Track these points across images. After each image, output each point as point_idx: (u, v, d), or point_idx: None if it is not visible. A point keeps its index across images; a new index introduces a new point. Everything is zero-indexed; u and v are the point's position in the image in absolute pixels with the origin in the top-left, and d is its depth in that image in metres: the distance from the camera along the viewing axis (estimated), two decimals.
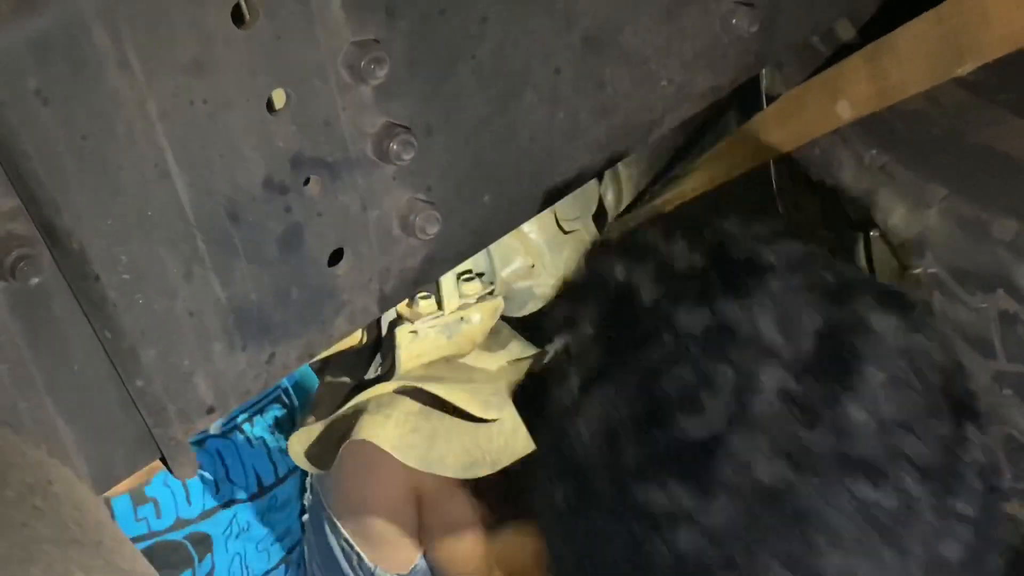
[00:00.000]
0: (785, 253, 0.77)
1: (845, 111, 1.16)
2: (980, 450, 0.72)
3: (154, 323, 0.83)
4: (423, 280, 0.99)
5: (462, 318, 1.66)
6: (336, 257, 0.92)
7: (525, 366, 1.70)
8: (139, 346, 0.82)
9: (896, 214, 1.14)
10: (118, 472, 0.87)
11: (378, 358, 1.72)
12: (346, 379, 1.72)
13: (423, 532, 1.73)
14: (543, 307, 1.67)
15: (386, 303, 0.97)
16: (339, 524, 1.74)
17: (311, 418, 1.67)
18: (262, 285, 0.88)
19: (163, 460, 0.88)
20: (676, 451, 0.69)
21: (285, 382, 2.02)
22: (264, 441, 2.02)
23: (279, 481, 2.00)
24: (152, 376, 0.84)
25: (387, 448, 1.57)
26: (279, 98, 0.82)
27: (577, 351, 0.79)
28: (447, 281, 1.58)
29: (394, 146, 0.87)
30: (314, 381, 1.98)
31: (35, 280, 0.73)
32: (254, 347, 0.90)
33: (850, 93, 1.16)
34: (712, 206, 0.81)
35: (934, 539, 0.69)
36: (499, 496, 1.29)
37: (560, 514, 0.77)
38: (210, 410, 0.90)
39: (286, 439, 1.84)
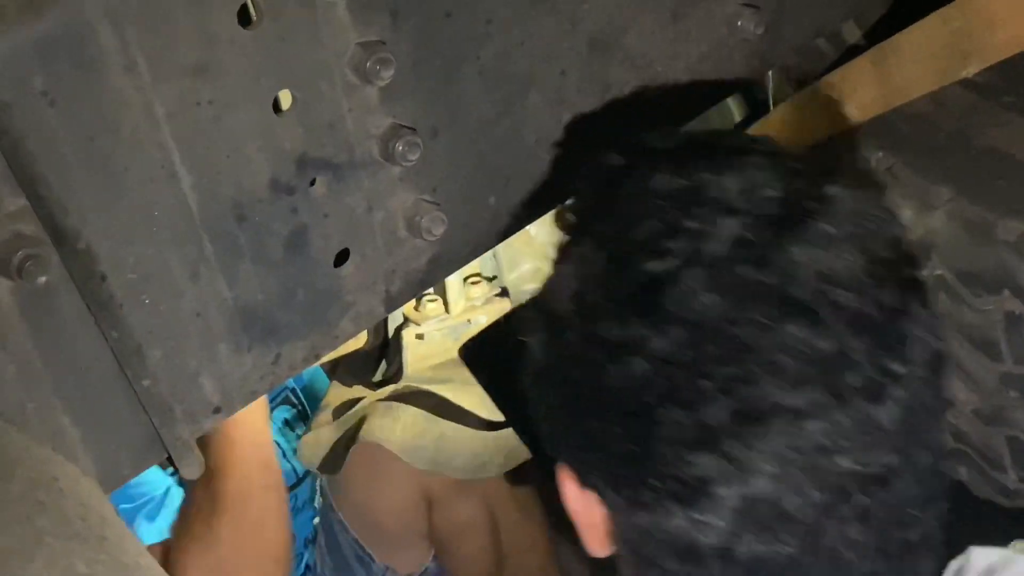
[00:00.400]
0: (762, 144, 0.85)
1: (852, 113, 1.16)
2: (925, 326, 0.75)
3: (160, 323, 0.83)
4: (429, 281, 0.99)
5: (469, 320, 1.67)
6: (342, 258, 0.92)
7: None
8: (145, 346, 0.83)
9: (902, 216, 1.13)
10: (125, 471, 0.88)
11: (385, 361, 1.73)
12: (355, 382, 1.72)
13: (433, 534, 1.73)
14: None
15: (392, 304, 0.98)
16: (349, 526, 1.74)
17: (321, 421, 1.68)
18: (268, 286, 0.88)
19: (170, 460, 0.89)
20: (635, 287, 0.75)
21: (292, 383, 2.02)
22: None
23: (298, 483, 2.00)
24: (158, 376, 0.84)
25: (396, 451, 1.58)
26: (285, 99, 0.83)
27: (565, 227, 0.86)
28: (453, 284, 1.58)
29: (400, 147, 0.88)
30: (324, 382, 1.98)
31: (42, 279, 0.74)
32: (260, 348, 0.90)
33: (856, 96, 1.16)
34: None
35: (868, 393, 0.71)
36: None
37: (537, 364, 0.83)
38: (216, 410, 0.90)
39: (298, 439, 1.85)
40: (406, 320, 1.67)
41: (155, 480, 1.62)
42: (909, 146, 1.15)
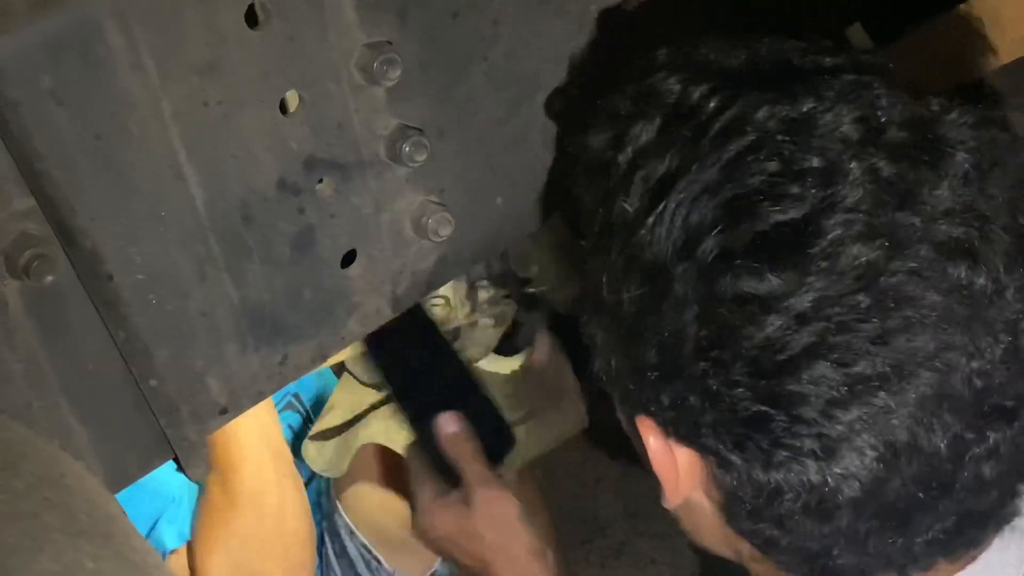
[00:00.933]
0: (851, 60, 0.77)
1: None
2: None
3: (167, 323, 0.83)
4: (436, 283, 0.99)
5: (475, 323, 1.66)
6: (349, 259, 0.92)
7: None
8: (152, 346, 0.83)
9: None
10: (132, 472, 0.88)
11: None
12: (361, 383, 1.72)
13: None
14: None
15: (399, 305, 0.98)
16: (356, 529, 1.74)
17: (326, 423, 1.67)
18: (275, 286, 0.88)
19: (176, 460, 0.89)
20: (767, 239, 0.69)
21: (294, 388, 2.02)
22: None
23: (305, 484, 2.00)
24: (165, 376, 0.84)
25: (401, 452, 1.57)
26: (292, 100, 0.83)
27: (632, 157, 0.77)
28: (460, 287, 1.58)
29: (406, 148, 0.88)
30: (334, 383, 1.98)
31: (49, 279, 0.74)
32: (267, 348, 0.90)
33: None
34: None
35: (1017, 323, 0.70)
36: None
37: (627, 321, 0.77)
38: (223, 411, 0.90)
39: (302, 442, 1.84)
40: None
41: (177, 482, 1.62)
42: None
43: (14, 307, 0.76)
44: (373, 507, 1.71)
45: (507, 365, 1.71)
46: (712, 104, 0.75)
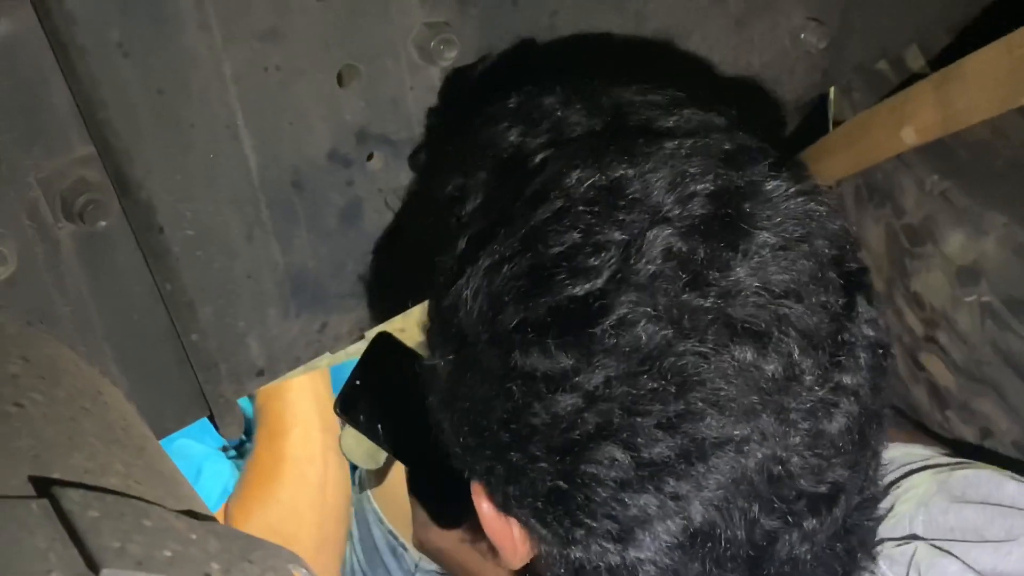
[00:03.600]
0: (684, 119, 0.75)
1: (910, 137, 1.16)
2: (870, 325, 0.71)
3: (213, 281, 0.85)
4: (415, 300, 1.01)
5: None
6: (393, 234, 0.94)
7: None
8: (197, 302, 0.85)
9: (954, 240, 1.14)
10: (168, 425, 0.90)
11: None
12: None
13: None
14: None
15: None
16: (384, 517, 1.75)
17: None
18: (320, 255, 0.90)
19: (211, 418, 0.91)
20: (558, 313, 0.67)
21: None
22: None
23: None
24: (207, 333, 0.86)
25: None
26: (350, 72, 0.85)
27: (466, 218, 0.76)
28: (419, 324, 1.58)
29: None
30: None
31: (102, 223, 0.76)
32: (308, 315, 0.92)
33: (916, 119, 1.16)
34: (613, 77, 0.78)
35: (817, 411, 0.68)
36: None
37: (443, 385, 0.75)
38: (260, 373, 0.92)
39: None
40: None
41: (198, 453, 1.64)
42: (965, 171, 1.15)
43: (66, 251, 0.78)
44: (403, 497, 1.72)
45: None
46: (533, 163, 0.74)
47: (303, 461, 1.36)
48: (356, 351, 1.49)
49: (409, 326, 1.61)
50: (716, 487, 0.66)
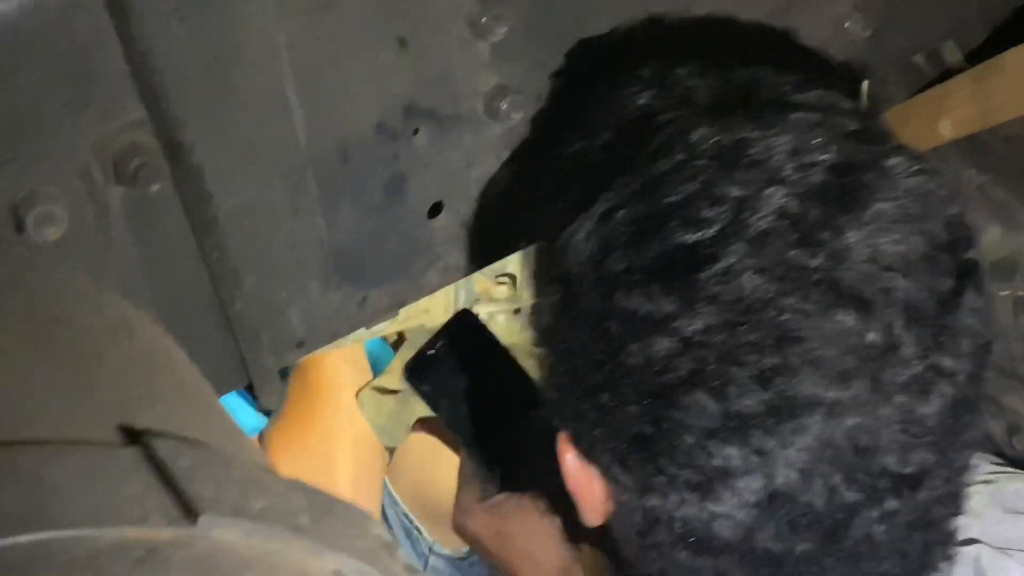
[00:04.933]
0: (814, 97, 0.76)
1: (947, 130, 1.16)
2: (976, 315, 0.71)
3: (257, 250, 0.85)
4: (516, 245, 1.01)
5: None
6: (435, 210, 0.94)
7: None
8: (241, 271, 0.85)
9: (989, 234, 1.14)
10: None
11: None
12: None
13: None
14: None
15: (478, 264, 0.99)
16: (400, 499, 1.76)
17: (384, 381, 1.69)
18: (363, 228, 0.90)
19: (250, 388, 0.91)
20: (665, 258, 0.69)
21: None
22: None
23: None
24: (250, 302, 0.86)
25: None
26: (401, 46, 0.85)
27: (586, 161, 0.79)
28: (528, 263, 1.58)
29: (504, 106, 0.89)
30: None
31: (155, 187, 0.76)
32: (348, 288, 0.92)
33: (954, 113, 1.16)
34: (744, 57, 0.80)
35: (912, 386, 0.67)
36: None
37: (547, 327, 0.78)
38: (300, 344, 0.92)
39: None
40: (477, 299, 1.68)
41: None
42: (1003, 166, 1.15)
43: (115, 215, 0.78)
44: (419, 480, 1.73)
45: None
46: (659, 120, 0.75)
47: (335, 389, 1.38)
48: (380, 330, 1.49)
49: (434, 306, 1.61)
50: (801, 448, 0.66)
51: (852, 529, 0.69)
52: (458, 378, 1.12)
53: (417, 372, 1.06)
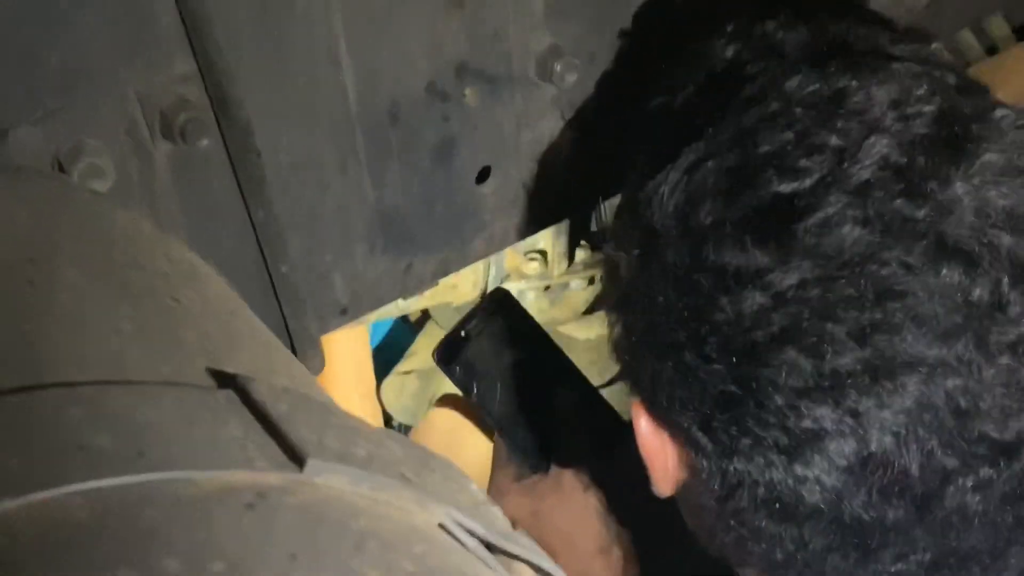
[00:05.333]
0: (911, 50, 0.73)
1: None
2: None
3: (304, 211, 0.83)
4: (564, 214, 0.98)
5: (568, 284, 1.65)
6: (484, 175, 0.91)
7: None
8: (288, 232, 0.82)
9: None
10: None
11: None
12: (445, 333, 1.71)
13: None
14: None
15: (525, 232, 0.97)
16: None
17: (407, 365, 1.67)
18: (411, 192, 0.88)
19: (293, 352, 0.88)
20: (759, 210, 0.65)
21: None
22: None
23: None
24: (296, 265, 0.84)
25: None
26: (454, 3, 0.82)
27: (671, 114, 0.75)
28: (560, 241, 1.57)
29: (558, 67, 0.87)
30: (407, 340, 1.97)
31: (204, 142, 0.73)
32: (394, 254, 0.90)
33: (1005, 86, 1.13)
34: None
35: (1019, 347, 0.63)
36: None
37: (626, 283, 0.73)
38: (343, 311, 0.90)
39: None
40: (507, 275, 1.66)
41: None
42: None
43: (161, 171, 0.76)
44: None
45: (591, 329, 1.69)
46: (749, 71, 0.72)
47: (330, 386, 1.35)
48: (410, 304, 1.47)
49: (462, 283, 1.58)
50: (899, 410, 0.63)
51: (946, 498, 0.65)
52: (491, 359, 1.08)
53: (448, 354, 1.03)
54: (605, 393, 1.32)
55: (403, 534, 0.34)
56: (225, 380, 0.36)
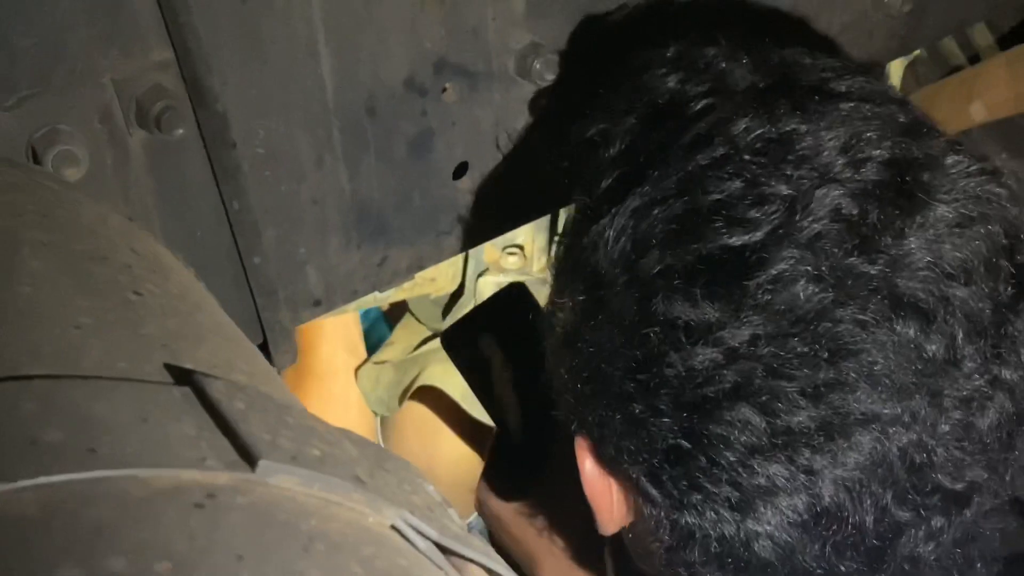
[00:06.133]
0: (858, 85, 0.70)
1: (979, 113, 1.14)
2: None
3: (279, 203, 0.82)
4: (541, 211, 0.98)
5: (547, 279, 1.64)
6: (461, 171, 0.91)
7: None
8: (261, 223, 0.82)
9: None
10: None
11: (455, 308, 1.71)
12: (421, 325, 1.71)
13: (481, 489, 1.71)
14: None
15: (501, 228, 0.97)
16: None
17: (384, 355, 1.67)
18: (387, 185, 0.88)
19: (264, 345, 0.88)
20: (709, 262, 0.63)
21: None
22: None
23: None
24: (269, 256, 0.84)
25: (456, 398, 1.56)
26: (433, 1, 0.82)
27: (610, 160, 0.72)
28: (540, 236, 1.57)
29: (537, 65, 0.87)
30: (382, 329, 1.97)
31: (179, 131, 0.73)
32: (369, 247, 0.90)
33: (986, 95, 1.14)
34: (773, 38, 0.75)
35: (972, 401, 0.63)
36: None
37: (569, 328, 0.71)
38: (317, 303, 0.89)
39: None
40: (487, 268, 1.66)
41: None
42: None
43: (136, 159, 0.75)
44: (418, 450, 1.70)
45: None
46: (694, 109, 0.70)
47: (327, 376, 1.34)
48: (388, 296, 1.47)
49: (440, 276, 1.58)
50: (853, 467, 0.62)
51: (899, 550, 0.65)
52: (499, 352, 1.08)
53: (454, 342, 1.02)
54: None
55: (353, 536, 0.34)
56: (182, 376, 0.36)
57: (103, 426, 0.32)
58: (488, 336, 1.01)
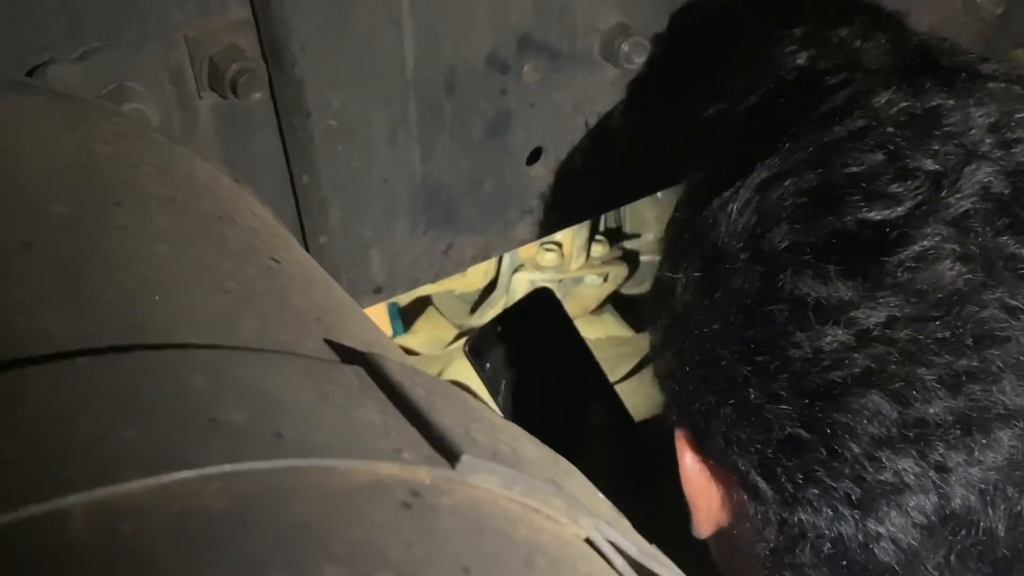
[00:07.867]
0: (1004, 69, 0.66)
1: None
2: None
3: (348, 181, 0.77)
4: (613, 204, 0.93)
5: (583, 279, 1.60)
6: (535, 156, 0.86)
7: (618, 345, 1.64)
8: (330, 200, 0.77)
9: None
10: None
11: (485, 304, 1.65)
12: (444, 319, 1.66)
13: None
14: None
15: (571, 219, 0.92)
16: None
17: (403, 340, 1.61)
18: (459, 169, 0.83)
19: None
20: (844, 237, 0.59)
21: None
22: None
23: None
24: (334, 236, 0.79)
25: (484, 396, 1.51)
26: None
27: (735, 129, 0.68)
28: (580, 234, 1.52)
29: (624, 47, 0.82)
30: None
31: (255, 96, 0.68)
32: (435, 233, 0.85)
33: None
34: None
35: None
36: None
37: (681, 307, 0.66)
38: (377, 290, 0.84)
39: None
40: (522, 264, 1.60)
41: None
42: None
43: (205, 123, 0.70)
44: None
45: (599, 329, 1.64)
46: (829, 81, 0.66)
47: None
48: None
49: (472, 271, 1.53)
50: (990, 466, 0.57)
51: None
52: (523, 360, 1.02)
53: (479, 349, 0.97)
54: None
55: (563, 549, 0.29)
56: (351, 355, 0.31)
57: (283, 407, 0.27)
58: (511, 345, 0.96)
